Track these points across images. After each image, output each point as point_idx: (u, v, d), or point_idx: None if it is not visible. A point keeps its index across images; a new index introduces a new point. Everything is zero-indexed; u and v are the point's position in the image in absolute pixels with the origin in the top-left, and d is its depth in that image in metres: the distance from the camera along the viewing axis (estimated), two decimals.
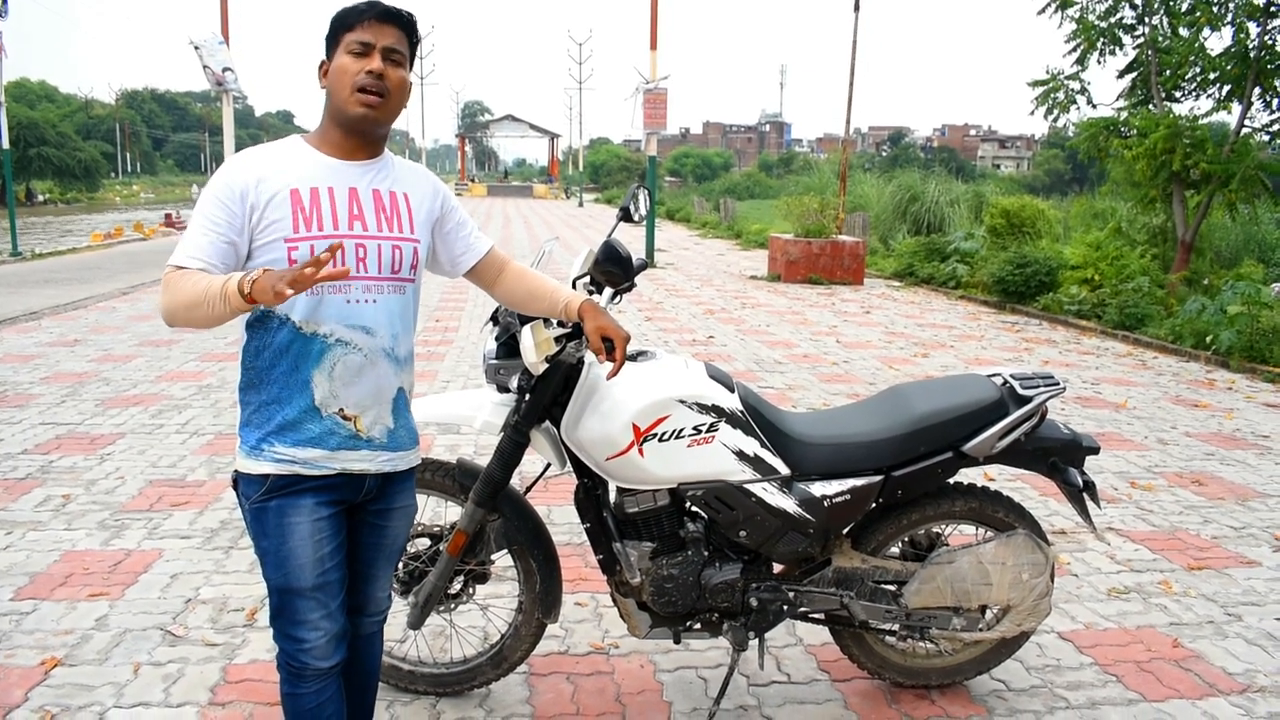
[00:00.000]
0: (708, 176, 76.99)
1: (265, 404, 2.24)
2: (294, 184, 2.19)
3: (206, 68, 17.06)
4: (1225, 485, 5.89)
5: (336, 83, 2.20)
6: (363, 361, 2.26)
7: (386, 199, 2.30)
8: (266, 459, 2.22)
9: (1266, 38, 12.79)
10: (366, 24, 2.19)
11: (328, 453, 2.25)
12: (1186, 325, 10.79)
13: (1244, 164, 12.57)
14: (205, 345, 9.23)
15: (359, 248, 2.23)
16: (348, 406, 2.26)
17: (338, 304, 2.22)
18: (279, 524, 2.25)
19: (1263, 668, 3.64)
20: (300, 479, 2.24)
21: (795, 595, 3.03)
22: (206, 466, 5.53)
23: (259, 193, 2.16)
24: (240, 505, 2.31)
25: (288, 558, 2.25)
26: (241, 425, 2.28)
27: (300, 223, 2.17)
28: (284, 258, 2.16)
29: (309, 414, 2.23)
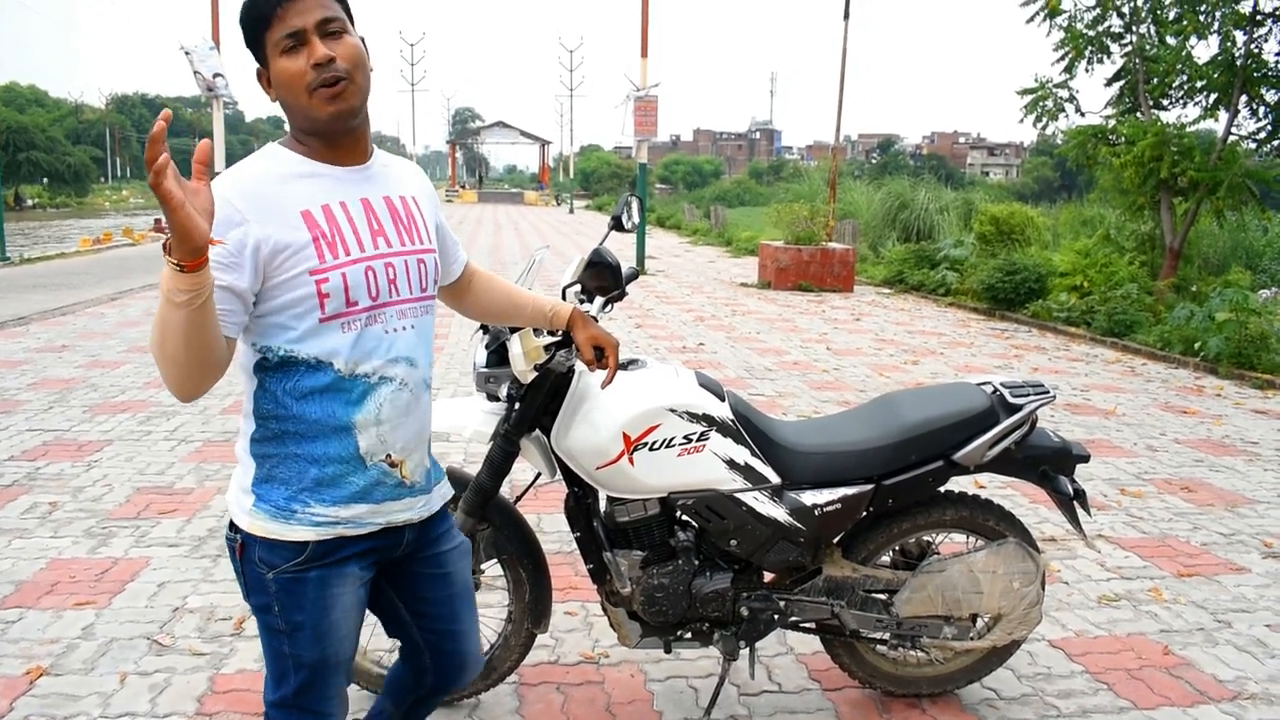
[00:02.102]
0: (698, 184, 77.05)
1: (294, 458, 1.91)
2: (308, 204, 1.86)
3: (197, 73, 17.02)
4: (1214, 492, 5.91)
5: (287, 92, 1.85)
6: (409, 398, 1.99)
7: (399, 206, 2.01)
8: (303, 523, 1.90)
9: (1253, 46, 12.85)
10: (281, 10, 1.81)
11: (373, 506, 1.97)
12: (1175, 332, 10.82)
13: (1231, 171, 12.62)
14: None
15: (388, 268, 1.93)
16: (394, 451, 1.98)
17: (376, 335, 1.92)
18: (320, 596, 1.94)
19: (1253, 674, 3.65)
20: (344, 542, 1.95)
21: (786, 604, 3.03)
22: (195, 474, 5.51)
23: (261, 226, 1.79)
24: (248, 571, 1.95)
25: (329, 632, 1.97)
26: (258, 482, 1.93)
27: (324, 249, 1.85)
28: (314, 293, 1.83)
29: (352, 465, 1.93)
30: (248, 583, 1.97)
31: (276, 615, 1.95)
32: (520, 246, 26.21)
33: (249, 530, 1.92)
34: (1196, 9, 13.04)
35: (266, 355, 1.88)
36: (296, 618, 1.94)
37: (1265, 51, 12.94)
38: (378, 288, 1.91)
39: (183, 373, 1.71)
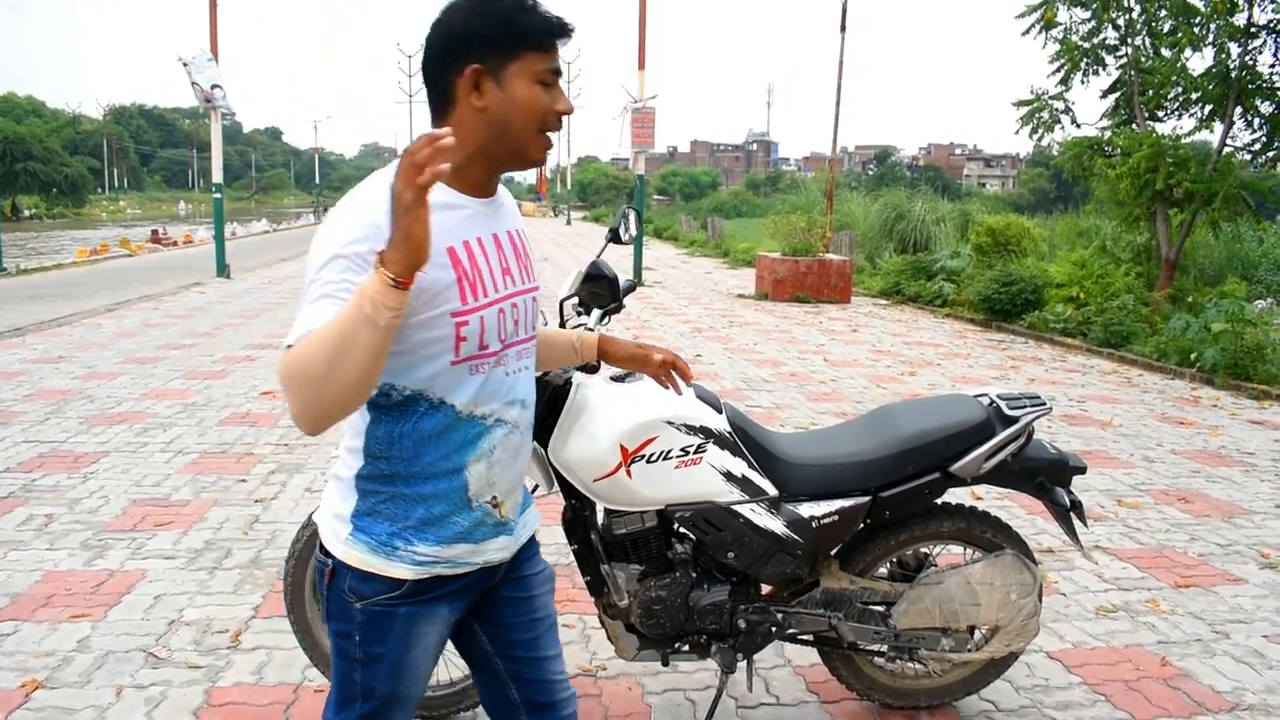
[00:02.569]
0: (695, 195, 77.19)
1: (401, 497, 1.83)
2: (451, 241, 1.73)
3: (195, 84, 17.05)
4: (1211, 503, 5.91)
5: (520, 118, 1.74)
6: (520, 440, 1.93)
7: (518, 242, 1.93)
8: (404, 560, 1.83)
9: (1247, 58, 12.91)
10: (552, 48, 1.77)
11: (473, 547, 1.89)
12: (1171, 343, 10.84)
13: (1226, 183, 12.68)
14: (191, 363, 9.19)
15: (514, 307, 1.86)
16: (500, 493, 1.91)
17: (499, 378, 1.85)
18: (405, 633, 1.88)
19: (1251, 685, 3.65)
20: (439, 581, 1.88)
21: (784, 616, 3.02)
22: (191, 486, 5.50)
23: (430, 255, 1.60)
24: (333, 596, 1.89)
25: (406, 669, 1.91)
26: (359, 514, 1.85)
27: (466, 290, 1.74)
28: (451, 335, 1.73)
29: (459, 506, 1.86)
30: (331, 608, 1.91)
31: (356, 644, 1.89)
32: None
33: (342, 559, 1.85)
34: (1191, 22, 13.12)
35: (389, 393, 1.77)
36: (376, 650, 1.88)
37: (1259, 63, 13.04)
38: (506, 330, 1.84)
39: (341, 401, 1.55)
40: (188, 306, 13.61)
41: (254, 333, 11.30)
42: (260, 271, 19.85)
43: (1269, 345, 10.10)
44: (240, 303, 14.24)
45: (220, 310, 13.30)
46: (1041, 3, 14.42)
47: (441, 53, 1.74)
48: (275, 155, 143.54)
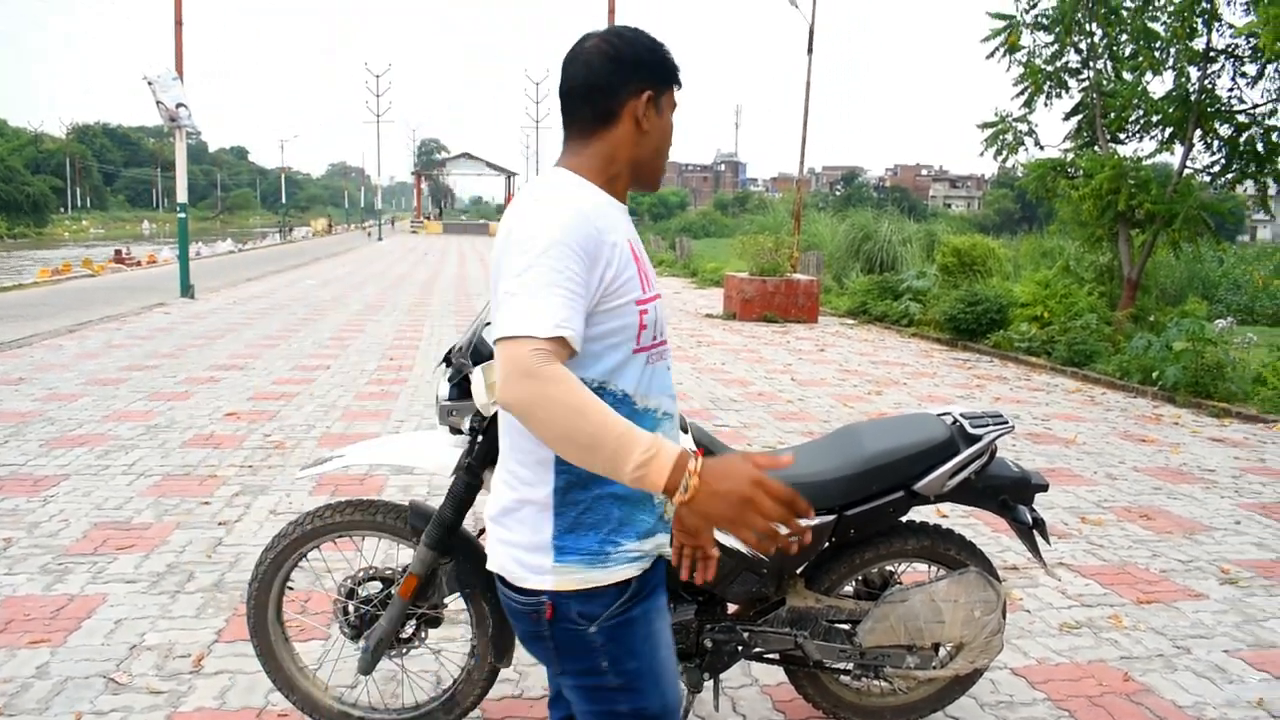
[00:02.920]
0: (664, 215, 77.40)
1: (600, 499, 1.82)
2: (624, 234, 1.84)
3: (160, 103, 16.94)
4: (1173, 519, 5.98)
5: (660, 143, 1.94)
6: (676, 433, 1.96)
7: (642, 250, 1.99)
8: (620, 561, 1.83)
9: (1206, 82, 13.15)
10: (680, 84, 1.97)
11: (656, 540, 1.90)
12: (1133, 361, 10.97)
13: (1187, 204, 12.88)
14: (154, 384, 9.09)
15: (658, 308, 1.92)
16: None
17: (661, 371, 1.92)
18: (647, 634, 1.87)
19: (1211, 700, 3.69)
20: (649, 575, 1.89)
21: (750, 635, 3.03)
22: (153, 508, 5.43)
23: (610, 247, 1.77)
24: (558, 634, 1.84)
25: (662, 672, 1.89)
26: (562, 533, 1.81)
27: (642, 280, 1.85)
28: (636, 323, 1.81)
29: (644, 501, 1.86)
30: (560, 648, 1.85)
31: (607, 672, 1.83)
32: (484, 278, 26.19)
33: (556, 588, 1.80)
34: (1151, 46, 13.35)
35: (592, 382, 1.79)
36: (630, 666, 1.85)
37: (1218, 87, 13.28)
38: (661, 327, 1.92)
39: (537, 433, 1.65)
40: (151, 327, 13.48)
41: (218, 354, 11.20)
42: (225, 292, 19.70)
43: (1229, 364, 10.25)
44: (204, 323, 14.12)
45: (184, 331, 13.18)
46: (1006, 27, 14.63)
47: (612, 74, 1.87)
48: (241, 174, 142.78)
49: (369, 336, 13.19)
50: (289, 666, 3.14)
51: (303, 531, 3.00)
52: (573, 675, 1.87)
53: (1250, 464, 7.58)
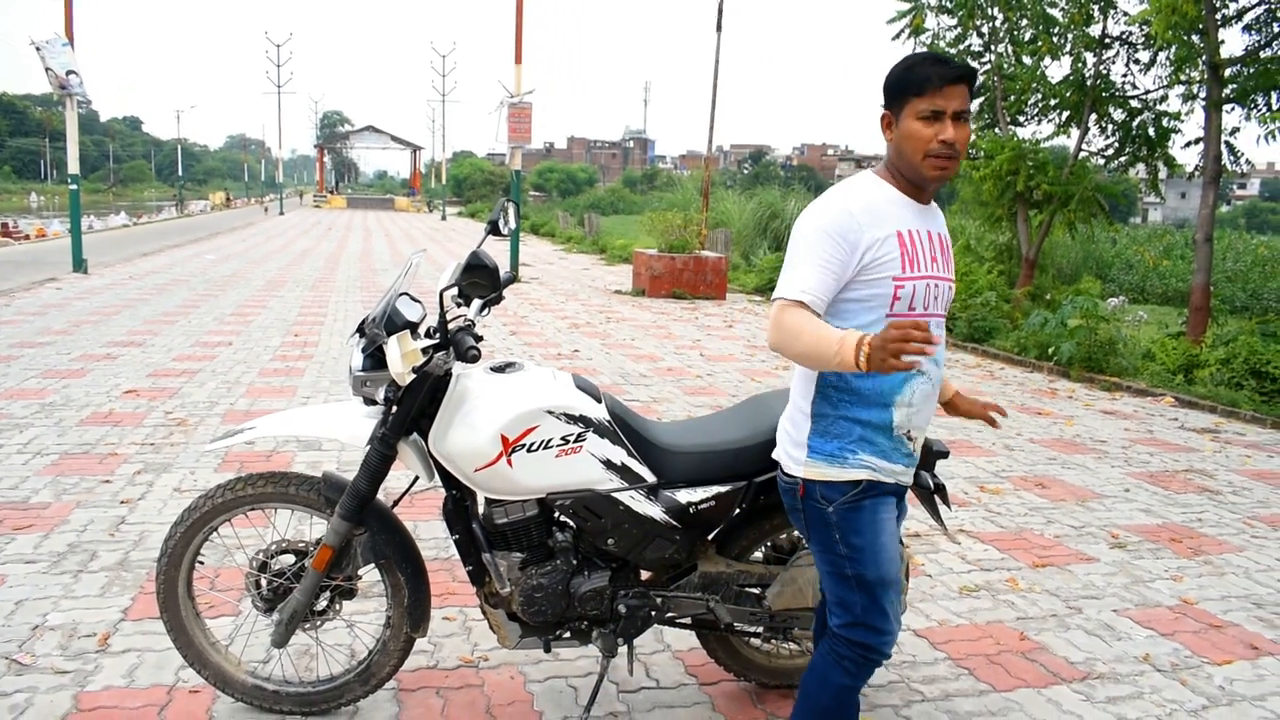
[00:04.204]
0: (572, 191, 77.21)
1: (845, 419, 2.46)
2: (899, 227, 2.38)
3: (49, 70, 16.27)
4: (1066, 488, 6.22)
5: (908, 146, 2.36)
6: (930, 390, 2.49)
7: (945, 242, 2.52)
8: (854, 466, 2.47)
9: (1102, 68, 13.56)
10: (936, 91, 2.32)
11: (891, 466, 2.49)
12: (1030, 338, 11.33)
13: (1082, 185, 13.29)
14: (47, 361, 8.80)
15: (936, 287, 2.44)
16: (914, 430, 2.50)
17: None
18: (873, 521, 2.48)
19: (1101, 656, 3.87)
20: (881, 485, 2.49)
21: (663, 601, 3.08)
22: (51, 488, 5.28)
23: (870, 235, 2.35)
24: (809, 509, 2.53)
25: (881, 551, 2.48)
26: (813, 436, 2.50)
27: (906, 263, 2.38)
28: (889, 294, 2.37)
29: (885, 432, 2.46)
30: (809, 520, 2.55)
31: (838, 542, 2.49)
32: (391, 253, 25.84)
33: (805, 475, 2.51)
34: (1050, 31, 13.70)
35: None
36: (855, 541, 2.47)
37: (1113, 73, 13.69)
38: (928, 301, 2.43)
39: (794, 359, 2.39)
40: (42, 303, 13.01)
41: (115, 330, 10.88)
42: (120, 267, 19.07)
43: (1120, 340, 10.65)
44: (99, 299, 13.67)
45: (78, 307, 12.75)
46: (911, 9, 14.86)
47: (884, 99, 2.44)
48: (135, 146, 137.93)
49: (272, 313, 12.93)
50: (200, 642, 3.10)
51: (213, 504, 2.97)
52: (816, 542, 2.56)
53: (1139, 435, 7.90)
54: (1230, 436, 8.07)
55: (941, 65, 2.34)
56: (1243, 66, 11.20)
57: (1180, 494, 6.24)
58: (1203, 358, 10.09)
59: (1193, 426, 8.36)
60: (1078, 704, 3.50)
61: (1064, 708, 3.46)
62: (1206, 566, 4.95)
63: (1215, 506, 6.00)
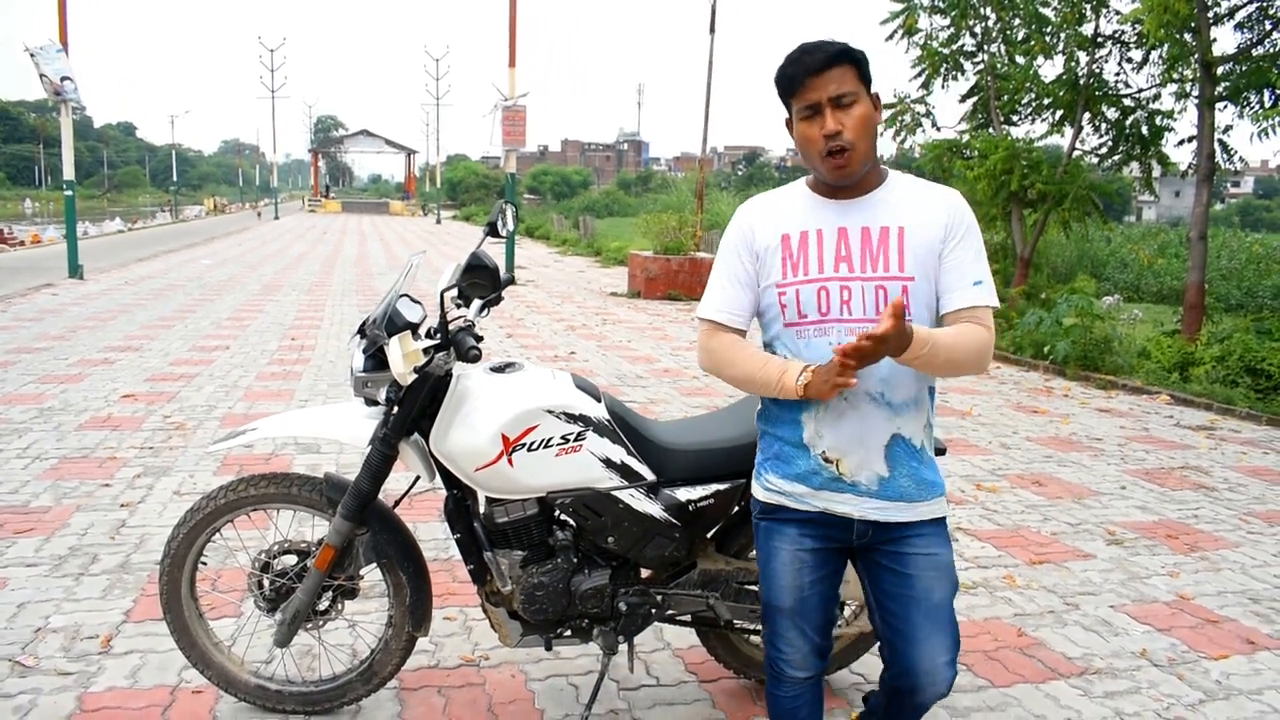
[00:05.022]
0: (567, 194, 77.12)
1: (766, 433, 2.42)
2: (789, 229, 2.28)
3: (43, 76, 16.28)
4: (1063, 485, 6.24)
5: (803, 151, 2.24)
6: (844, 405, 2.25)
7: (876, 236, 2.24)
8: (760, 485, 2.42)
9: (1094, 67, 13.58)
10: (804, 86, 2.17)
11: (810, 490, 2.32)
12: (1026, 337, 11.36)
13: (1076, 184, 13.30)
14: (45, 367, 8.81)
15: (844, 290, 2.23)
16: (829, 449, 2.28)
17: (821, 347, 2.24)
18: (765, 545, 2.41)
19: (1099, 651, 3.89)
20: (785, 509, 2.36)
21: (663, 598, 3.10)
22: (51, 492, 5.29)
23: (760, 242, 2.30)
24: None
25: (771, 577, 2.39)
26: (759, 448, 2.47)
27: (788, 268, 2.26)
28: (775, 303, 2.30)
29: (798, 449, 2.32)
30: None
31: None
32: (387, 257, 25.85)
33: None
34: (1043, 30, 13.72)
35: (765, 344, 2.40)
36: (759, 557, 2.45)
37: (1106, 72, 13.70)
38: (829, 306, 2.24)
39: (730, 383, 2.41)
40: (39, 308, 13.01)
41: (111, 335, 10.88)
42: (116, 272, 19.08)
43: (1116, 339, 10.69)
44: (95, 304, 13.68)
45: (74, 312, 12.76)
46: (903, 9, 14.87)
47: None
48: (129, 151, 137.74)
49: (269, 317, 12.94)
50: (204, 642, 3.12)
51: (216, 506, 2.98)
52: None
53: (1135, 433, 7.93)
54: (1225, 433, 8.10)
55: (804, 56, 2.16)
56: (1235, 64, 11.24)
57: (1176, 491, 6.27)
58: (1198, 355, 10.12)
59: (1188, 424, 8.39)
60: (1075, 699, 3.52)
61: (1062, 702, 3.49)
62: (1203, 562, 4.98)
63: (1211, 503, 6.03)
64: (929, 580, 2.30)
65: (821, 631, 2.42)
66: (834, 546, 2.37)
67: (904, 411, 2.27)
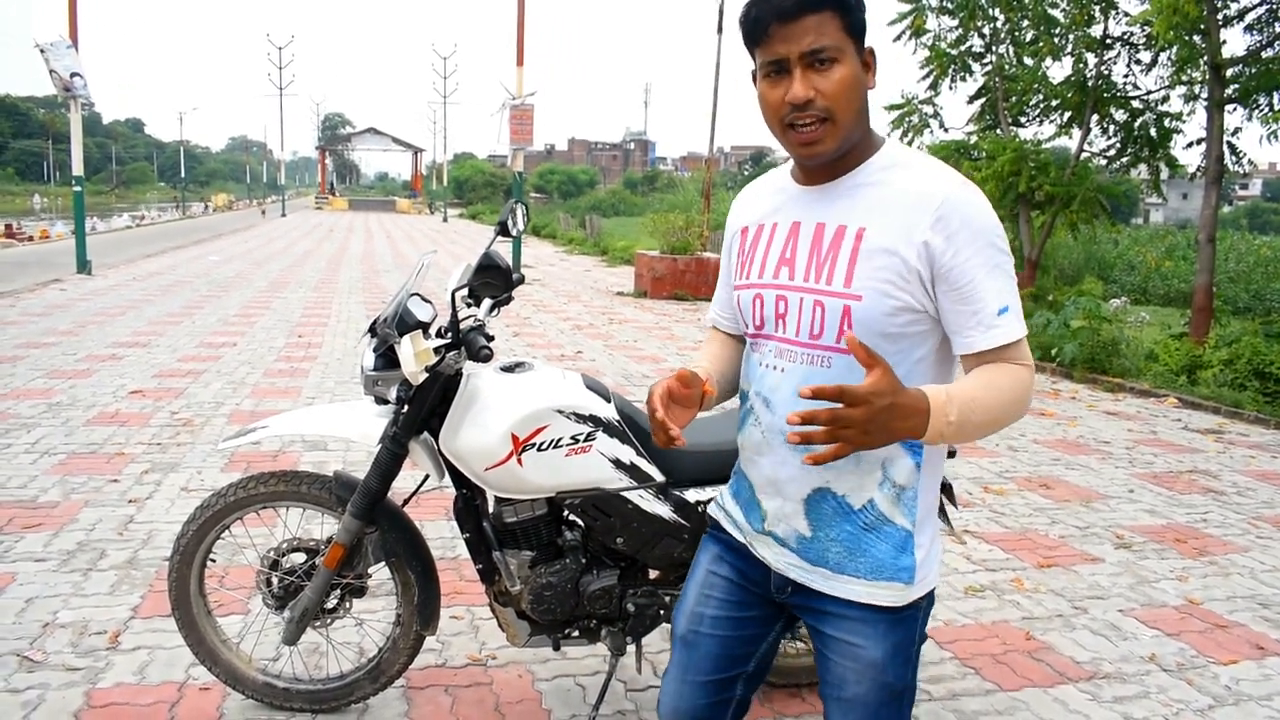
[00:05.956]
0: (573, 193, 77.19)
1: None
2: (749, 221, 1.89)
3: (53, 72, 16.32)
4: (1070, 488, 6.23)
5: (765, 115, 1.74)
6: (760, 439, 1.87)
7: (829, 237, 1.74)
8: (718, 501, 2.11)
9: (1103, 68, 13.57)
10: (768, 35, 1.65)
11: (745, 521, 1.96)
12: (1033, 339, 11.32)
13: (1084, 186, 13.30)
14: (53, 362, 8.82)
15: (779, 300, 1.78)
16: (754, 481, 1.92)
17: (754, 364, 1.88)
18: (697, 556, 2.09)
19: (1107, 655, 3.88)
20: (721, 529, 2.04)
21: (671, 600, 3.09)
22: (60, 487, 5.30)
23: (730, 231, 1.99)
24: None
25: (683, 593, 2.07)
26: None
27: (739, 268, 1.90)
28: (738, 304, 1.92)
29: (739, 475, 2.01)
30: None
31: None
32: (393, 255, 25.86)
33: None
34: (1051, 32, 13.72)
35: None
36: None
37: (1114, 73, 13.71)
38: (763, 318, 1.83)
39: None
40: (47, 304, 13.04)
41: (119, 331, 10.90)
42: (124, 268, 19.11)
43: (1123, 341, 10.66)
44: (104, 300, 13.71)
45: (83, 307, 12.78)
46: (912, 10, 14.87)
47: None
48: (137, 148, 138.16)
49: (276, 314, 12.96)
50: (212, 639, 3.12)
51: (226, 503, 2.98)
52: None
53: (1143, 436, 7.92)
54: (1234, 437, 8.08)
55: (769, 3, 1.64)
56: (1244, 66, 11.22)
57: (1185, 495, 6.25)
58: (1206, 359, 10.09)
59: (1196, 427, 8.37)
60: (1084, 703, 3.51)
61: (1070, 707, 3.48)
62: (1212, 567, 4.97)
63: (1220, 507, 6.01)
64: (842, 671, 1.83)
65: (708, 689, 1.99)
66: (750, 589, 1.96)
67: (835, 464, 1.70)
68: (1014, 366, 1.71)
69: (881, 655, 1.79)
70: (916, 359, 1.75)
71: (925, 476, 1.80)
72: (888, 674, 1.80)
